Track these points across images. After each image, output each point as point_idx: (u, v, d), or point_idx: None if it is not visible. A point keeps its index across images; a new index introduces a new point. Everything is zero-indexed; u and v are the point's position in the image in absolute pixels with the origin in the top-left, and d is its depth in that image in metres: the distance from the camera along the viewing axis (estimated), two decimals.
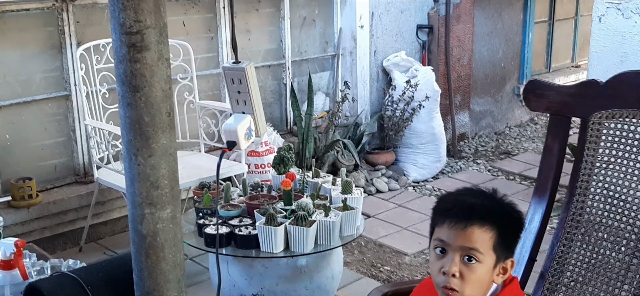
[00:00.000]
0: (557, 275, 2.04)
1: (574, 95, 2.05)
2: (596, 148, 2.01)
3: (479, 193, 1.61)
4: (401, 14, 5.43)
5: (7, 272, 1.91)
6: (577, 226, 2.03)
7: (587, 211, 2.02)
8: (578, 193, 2.03)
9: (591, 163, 2.02)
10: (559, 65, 7.18)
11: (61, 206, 3.86)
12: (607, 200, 2.00)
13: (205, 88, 4.58)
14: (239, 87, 2.20)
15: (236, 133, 2.17)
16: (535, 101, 2.13)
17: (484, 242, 1.53)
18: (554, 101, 2.08)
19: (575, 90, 2.06)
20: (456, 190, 1.67)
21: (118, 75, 1.55)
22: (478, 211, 1.55)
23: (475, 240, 1.53)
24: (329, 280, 3.01)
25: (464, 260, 1.54)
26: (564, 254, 2.04)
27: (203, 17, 4.53)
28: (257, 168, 4.12)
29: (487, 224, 1.54)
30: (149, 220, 1.61)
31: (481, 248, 1.53)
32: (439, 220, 1.58)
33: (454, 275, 1.53)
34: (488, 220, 1.54)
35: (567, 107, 2.06)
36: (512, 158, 5.73)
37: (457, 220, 1.54)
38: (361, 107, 5.30)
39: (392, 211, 4.62)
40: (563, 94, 2.07)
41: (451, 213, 1.56)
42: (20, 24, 3.80)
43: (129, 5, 1.46)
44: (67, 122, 4.05)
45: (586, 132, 2.02)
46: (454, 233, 1.54)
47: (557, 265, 2.05)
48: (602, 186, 2.00)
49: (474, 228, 1.53)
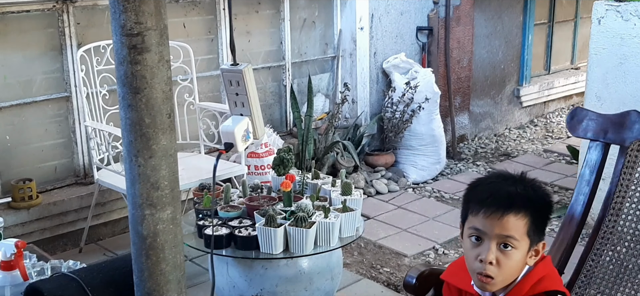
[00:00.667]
0: (583, 287, 2.14)
1: (615, 123, 2.21)
2: (632, 173, 2.16)
3: (512, 179, 1.65)
4: (401, 15, 5.44)
5: (7, 273, 1.91)
6: (607, 243, 2.15)
7: (618, 230, 2.14)
8: (611, 213, 2.16)
9: (626, 186, 2.15)
10: (558, 67, 7.18)
11: (61, 207, 3.87)
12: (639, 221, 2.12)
13: (205, 90, 4.58)
14: (237, 88, 2.20)
15: (233, 135, 2.18)
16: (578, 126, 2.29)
17: (518, 229, 1.57)
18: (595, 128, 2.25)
19: (616, 119, 2.21)
20: (488, 176, 1.72)
21: (119, 77, 1.55)
22: (514, 199, 1.58)
23: (511, 227, 1.57)
24: (329, 281, 3.02)
25: (500, 248, 1.58)
26: (592, 268, 2.15)
27: (203, 18, 4.54)
28: (256, 170, 4.13)
29: (522, 211, 1.58)
30: (149, 221, 1.61)
31: (517, 235, 1.57)
32: (474, 209, 1.62)
33: (491, 262, 1.57)
34: (523, 207, 1.58)
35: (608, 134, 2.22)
36: (511, 160, 5.73)
37: (494, 209, 1.57)
38: (361, 109, 5.31)
39: (392, 212, 4.63)
40: (605, 122, 2.23)
41: (487, 202, 1.59)
42: (20, 25, 3.81)
43: (130, 7, 1.47)
44: (67, 124, 4.06)
45: (624, 157, 2.17)
46: (490, 222, 1.58)
47: (584, 278, 2.15)
48: (635, 207, 2.13)
49: (510, 216, 1.57)
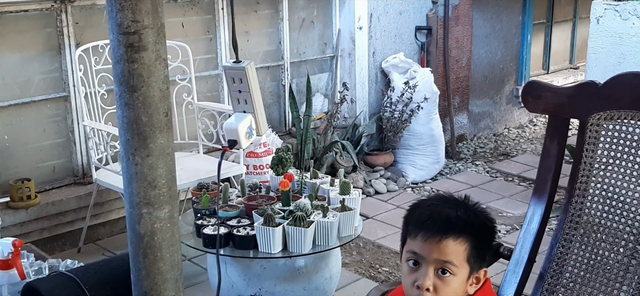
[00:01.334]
0: (556, 276, 2.04)
1: (572, 97, 2.05)
2: (595, 149, 2.01)
3: (453, 202, 1.58)
4: (400, 15, 5.44)
5: (4, 272, 1.91)
6: (575, 228, 2.03)
7: (585, 212, 2.02)
8: (577, 195, 2.03)
9: (590, 165, 2.02)
10: (557, 67, 7.19)
11: (60, 207, 3.86)
12: (606, 201, 2.00)
13: (203, 90, 4.58)
14: (240, 86, 2.20)
15: (237, 132, 2.18)
16: (533, 102, 2.13)
17: (458, 254, 1.51)
18: (552, 102, 2.08)
19: (573, 92, 2.05)
20: (429, 198, 1.64)
21: (116, 75, 1.55)
22: (453, 223, 1.52)
23: (449, 252, 1.50)
24: (327, 281, 3.02)
25: (438, 273, 1.52)
26: (562, 255, 2.04)
27: (202, 18, 4.53)
28: (255, 169, 4.13)
29: (462, 236, 1.51)
30: (146, 220, 1.61)
31: (456, 260, 1.51)
32: (413, 232, 1.55)
33: (428, 289, 1.50)
34: (463, 232, 1.52)
35: (565, 109, 2.06)
36: (510, 160, 5.73)
37: (432, 233, 1.51)
38: (360, 108, 5.31)
39: (391, 212, 4.62)
40: (561, 96, 2.07)
41: (425, 225, 1.52)
42: (19, 25, 3.81)
43: (127, 5, 1.46)
44: (65, 123, 4.05)
45: (584, 133, 2.02)
46: (428, 246, 1.51)
47: (555, 266, 2.05)
48: (601, 187, 2.00)
49: (449, 241, 1.50)
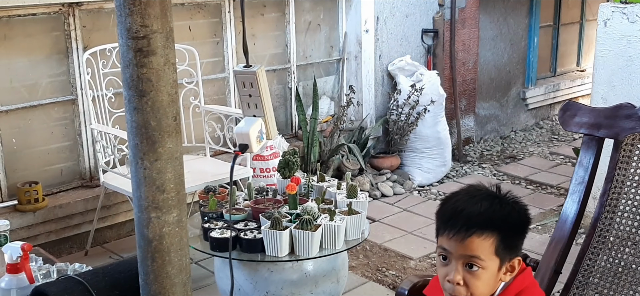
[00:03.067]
0: (582, 287, 2.08)
1: (609, 117, 2.13)
2: (627, 168, 2.07)
3: (480, 196, 1.59)
4: (406, 18, 5.44)
5: (13, 276, 1.91)
6: (604, 242, 2.08)
7: (614, 227, 2.07)
8: (607, 210, 2.09)
9: (621, 182, 2.08)
10: (564, 69, 7.17)
11: (67, 210, 3.87)
12: (636, 217, 2.05)
13: (210, 93, 4.59)
14: (250, 90, 2.20)
15: (248, 136, 2.18)
16: (570, 121, 2.21)
17: (484, 249, 1.53)
18: (588, 122, 2.16)
19: (609, 112, 2.13)
20: (457, 192, 1.65)
21: (125, 80, 1.55)
22: (476, 220, 1.54)
23: (475, 248, 1.53)
24: (334, 284, 3.01)
25: (467, 268, 1.55)
26: (589, 267, 2.08)
27: (209, 21, 4.54)
28: (262, 172, 4.13)
29: (487, 231, 1.53)
30: (155, 224, 1.61)
31: (482, 255, 1.53)
32: (441, 228, 1.59)
33: (458, 283, 1.54)
34: (488, 227, 1.53)
35: (601, 128, 2.14)
36: (517, 163, 5.72)
37: (456, 231, 1.54)
38: (366, 111, 5.30)
39: (397, 215, 4.62)
40: (598, 116, 2.15)
41: (450, 223, 1.56)
42: (26, 28, 3.82)
43: (136, 10, 1.47)
44: (73, 126, 4.07)
45: (618, 152, 2.08)
46: (454, 243, 1.54)
47: (582, 278, 2.09)
48: (632, 204, 2.06)
49: (474, 238, 1.53)
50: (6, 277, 1.92)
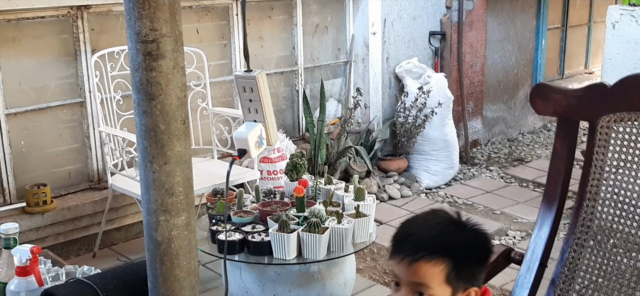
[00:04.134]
0: (568, 281, 2.02)
1: (582, 99, 2.00)
2: (605, 152, 1.96)
3: (434, 221, 1.55)
4: (413, 20, 5.43)
5: (23, 278, 1.91)
6: (587, 232, 2.00)
7: (597, 216, 1.98)
8: (588, 199, 2.00)
9: (600, 168, 1.98)
10: (572, 72, 7.15)
11: (75, 212, 3.89)
12: (618, 205, 1.96)
13: (218, 95, 4.60)
14: (251, 95, 2.19)
15: (247, 141, 2.18)
16: (542, 105, 2.08)
17: (433, 276, 1.47)
18: (561, 105, 2.04)
19: (582, 93, 2.01)
20: (414, 216, 1.61)
21: (134, 83, 1.55)
22: (425, 245, 1.48)
23: (423, 275, 1.47)
24: (342, 287, 3.01)
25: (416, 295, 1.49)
26: (574, 260, 2.01)
27: (216, 24, 4.55)
28: (269, 175, 4.13)
29: (436, 257, 1.47)
30: (163, 227, 1.61)
31: (431, 283, 1.48)
32: (392, 253, 1.54)
33: None
34: (437, 253, 1.48)
35: (575, 111, 2.02)
36: (525, 165, 5.70)
37: (405, 255, 1.49)
38: (373, 114, 5.30)
39: (405, 218, 4.60)
40: (570, 97, 2.03)
41: (399, 247, 1.52)
42: (35, 31, 3.84)
43: (145, 14, 1.47)
44: (81, 129, 4.08)
45: (595, 136, 1.97)
46: (403, 268, 1.49)
47: (567, 271, 2.02)
48: (612, 191, 1.96)
49: (421, 264, 1.47)
50: (15, 280, 1.92)
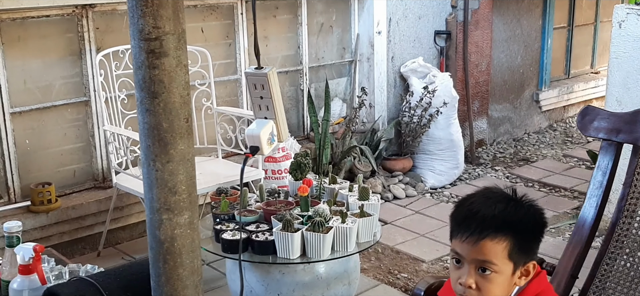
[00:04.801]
0: (598, 292, 2.07)
1: (628, 122, 2.11)
2: None
3: (495, 199, 1.57)
4: (419, 20, 5.42)
5: (25, 277, 1.91)
6: (621, 247, 2.07)
7: (632, 233, 2.06)
8: (624, 216, 2.08)
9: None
10: (578, 71, 7.12)
11: (80, 211, 3.89)
12: None
13: (223, 95, 4.59)
14: (261, 92, 2.19)
15: (259, 138, 2.17)
16: (589, 126, 2.19)
17: (497, 253, 1.51)
18: (607, 128, 2.15)
19: (629, 118, 2.12)
20: (472, 194, 1.63)
21: (137, 81, 1.55)
22: (489, 223, 1.52)
23: (487, 252, 1.51)
24: (346, 287, 3.00)
25: (479, 272, 1.53)
26: (606, 272, 2.07)
27: (221, 23, 4.55)
28: (274, 174, 4.13)
29: (500, 235, 1.51)
30: (166, 226, 1.61)
31: (495, 259, 1.51)
32: (454, 232, 1.58)
33: (470, 287, 1.53)
34: (501, 230, 1.51)
35: (621, 133, 2.13)
36: (530, 165, 5.68)
37: (469, 234, 1.52)
38: (378, 113, 5.29)
39: (410, 218, 4.60)
40: (617, 121, 2.14)
41: (462, 226, 1.54)
42: (40, 30, 3.84)
43: (148, 11, 1.46)
44: (86, 128, 4.08)
45: (637, 157, 2.07)
46: (466, 247, 1.53)
47: (599, 283, 2.08)
48: None
49: (486, 241, 1.51)
50: (18, 278, 1.92)
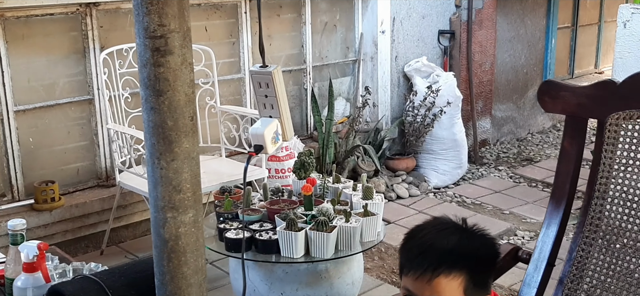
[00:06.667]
0: (576, 281, 2.00)
1: (590, 96, 1.99)
2: (614, 150, 1.95)
3: (447, 231, 1.50)
4: (423, 19, 5.41)
5: (30, 275, 1.91)
6: (596, 231, 1.98)
7: (606, 215, 1.97)
8: (596, 197, 1.98)
9: (609, 166, 1.96)
10: (582, 72, 7.11)
11: (83, 209, 3.89)
12: (626, 204, 1.94)
13: (226, 93, 4.59)
14: (266, 91, 2.19)
15: (263, 137, 2.17)
16: (550, 102, 2.07)
17: (452, 290, 1.44)
18: (569, 102, 2.03)
19: (591, 91, 2.00)
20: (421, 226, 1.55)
21: (142, 79, 1.55)
22: (443, 258, 1.44)
23: (442, 290, 1.43)
24: (349, 286, 3.00)
25: None
26: (583, 259, 1.99)
27: (225, 22, 4.54)
28: (277, 173, 4.12)
29: (455, 270, 1.44)
30: (171, 224, 1.60)
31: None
32: (405, 268, 1.49)
33: None
34: (455, 266, 1.44)
35: (583, 109, 2.01)
36: (534, 165, 5.67)
37: (422, 271, 1.44)
38: (382, 113, 5.28)
39: (413, 217, 4.60)
40: (579, 95, 2.01)
41: (415, 263, 1.46)
42: (44, 28, 3.84)
43: (154, 9, 1.46)
44: (90, 126, 4.08)
45: (603, 133, 1.96)
46: (419, 284, 1.45)
47: (575, 270, 2.00)
48: (621, 189, 1.94)
49: (441, 279, 1.43)
50: (22, 276, 1.92)
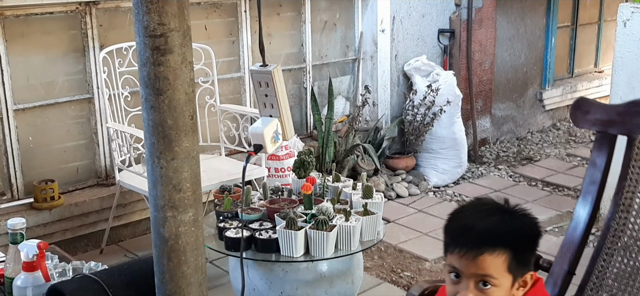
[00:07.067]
0: (595, 289, 2.04)
1: (621, 113, 2.06)
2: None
3: (489, 211, 1.55)
4: (422, 18, 5.41)
5: (29, 274, 1.91)
6: (618, 242, 2.04)
7: (629, 227, 2.02)
8: (621, 210, 2.04)
9: (635, 181, 2.02)
10: (581, 71, 7.10)
11: (83, 208, 3.89)
12: None
13: (226, 92, 4.59)
14: (266, 90, 2.19)
15: (263, 136, 2.17)
16: (582, 118, 2.14)
17: (497, 267, 1.49)
18: (600, 119, 2.10)
19: (622, 109, 2.07)
20: (466, 206, 1.60)
21: (141, 78, 1.55)
22: (487, 237, 1.49)
23: (487, 267, 1.48)
24: (349, 285, 3.00)
25: (479, 286, 1.50)
26: (603, 268, 2.04)
27: (224, 21, 4.54)
28: (277, 172, 4.12)
29: (499, 248, 1.48)
30: (171, 223, 1.60)
31: (495, 273, 1.49)
32: (450, 246, 1.54)
33: None
34: (499, 244, 1.49)
35: (613, 125, 2.08)
36: (534, 164, 5.67)
37: (467, 249, 1.49)
38: (382, 112, 5.28)
39: (413, 216, 4.60)
40: (610, 112, 2.09)
41: (460, 241, 1.51)
42: (44, 27, 3.84)
43: (154, 8, 1.46)
44: (89, 125, 4.08)
45: (632, 150, 2.02)
46: (465, 262, 1.50)
47: (596, 279, 2.05)
48: None
49: (485, 256, 1.48)
50: (22, 275, 1.93)
